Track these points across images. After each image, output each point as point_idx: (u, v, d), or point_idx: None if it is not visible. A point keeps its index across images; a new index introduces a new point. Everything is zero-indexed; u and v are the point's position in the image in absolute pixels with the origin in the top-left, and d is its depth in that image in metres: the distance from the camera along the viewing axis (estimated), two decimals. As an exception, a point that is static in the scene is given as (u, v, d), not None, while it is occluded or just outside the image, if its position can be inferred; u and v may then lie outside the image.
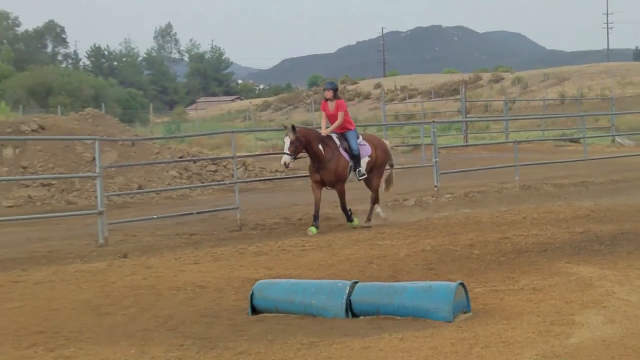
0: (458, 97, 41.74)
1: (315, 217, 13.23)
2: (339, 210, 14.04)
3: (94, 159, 15.76)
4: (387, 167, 14.76)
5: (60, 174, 19.48)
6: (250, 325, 6.90)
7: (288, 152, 13.05)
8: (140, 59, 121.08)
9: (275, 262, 10.10)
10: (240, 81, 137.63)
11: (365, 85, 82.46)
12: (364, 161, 13.85)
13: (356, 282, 7.19)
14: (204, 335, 6.54)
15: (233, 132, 19.18)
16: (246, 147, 34.56)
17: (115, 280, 9.15)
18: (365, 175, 13.81)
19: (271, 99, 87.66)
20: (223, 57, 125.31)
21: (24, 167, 20.08)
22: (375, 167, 14.14)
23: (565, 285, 7.84)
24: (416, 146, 29.06)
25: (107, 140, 18.99)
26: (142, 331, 6.78)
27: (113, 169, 19.61)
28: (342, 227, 13.59)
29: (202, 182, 18.17)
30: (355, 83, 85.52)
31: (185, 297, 8.11)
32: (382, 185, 14.57)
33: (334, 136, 13.63)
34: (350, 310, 6.98)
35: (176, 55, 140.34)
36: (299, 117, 62.43)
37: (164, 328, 6.88)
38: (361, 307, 6.98)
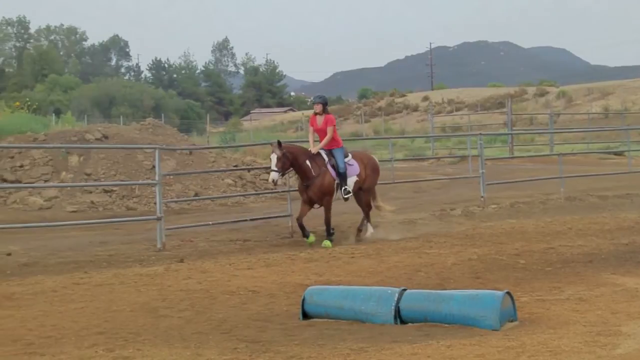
0: (504, 110, 41.50)
1: (302, 229, 13.04)
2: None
3: (153, 167, 16.12)
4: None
5: (122, 181, 19.91)
6: (301, 330, 7.03)
7: (275, 168, 12.64)
8: (198, 71, 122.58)
9: (326, 268, 10.26)
10: (293, 93, 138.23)
11: (414, 98, 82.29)
12: (351, 180, 13.39)
13: (404, 290, 7.29)
14: (257, 339, 6.66)
15: (288, 142, 19.35)
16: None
17: (172, 284, 9.38)
18: (351, 194, 13.35)
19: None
20: (277, 70, 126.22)
21: (88, 174, 20.59)
22: (364, 188, 13.67)
23: (611, 296, 7.85)
24: (463, 157, 29.06)
25: (166, 149, 19.34)
26: (197, 334, 6.94)
27: (171, 177, 19.97)
28: (389, 236, 13.64)
29: (256, 190, 18.40)
30: (404, 96, 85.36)
31: (238, 302, 8.29)
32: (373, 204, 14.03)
33: (322, 152, 13.25)
34: (399, 317, 7.08)
35: (232, 68, 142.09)
36: (349, 128, 62.59)
37: (218, 331, 7.03)
38: (409, 314, 7.08)
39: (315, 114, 13.48)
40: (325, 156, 13.23)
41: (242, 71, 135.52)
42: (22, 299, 8.77)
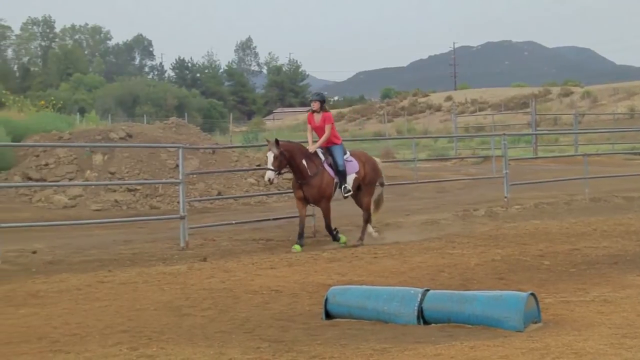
0: (527, 110, 41.31)
1: (300, 235, 12.70)
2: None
3: (177, 165, 16.20)
4: (378, 184, 14.00)
5: (145, 179, 20.02)
6: (324, 329, 7.04)
7: (272, 167, 12.45)
8: (221, 71, 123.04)
9: (348, 268, 10.26)
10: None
11: (437, 98, 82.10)
12: (351, 178, 13.17)
13: (428, 290, 7.28)
14: (279, 339, 6.67)
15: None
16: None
17: (195, 283, 9.42)
18: (351, 192, 13.16)
19: (345, 110, 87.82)
20: (300, 70, 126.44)
21: (112, 173, 20.73)
22: (364, 185, 13.46)
23: (636, 298, 7.78)
24: (486, 158, 28.98)
25: (189, 148, 19.43)
26: (220, 333, 6.96)
27: (194, 176, 20.05)
28: (412, 236, 13.60)
29: (279, 190, 18.41)
30: (427, 95, 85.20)
31: (261, 301, 8.31)
32: (372, 205, 13.81)
33: (319, 151, 13.03)
34: (422, 318, 7.07)
35: (255, 68, 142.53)
36: (372, 128, 62.70)
37: (241, 330, 7.05)
38: (432, 315, 7.06)
39: (313, 111, 13.23)
40: (322, 155, 13.02)
41: (265, 70, 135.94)
42: (47, 296, 8.85)
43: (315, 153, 12.98)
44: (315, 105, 13.15)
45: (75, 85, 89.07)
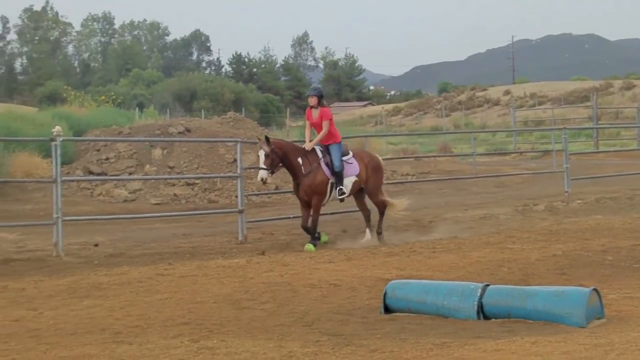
0: (588, 104, 40.72)
1: (310, 233, 12.33)
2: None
3: (235, 160, 16.32)
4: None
5: (204, 174, 20.22)
6: (383, 323, 7.02)
7: (264, 166, 12.03)
8: (278, 65, 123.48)
9: (407, 262, 10.21)
10: (372, 87, 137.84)
11: (495, 92, 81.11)
12: (349, 180, 12.61)
13: (488, 285, 7.22)
14: (339, 332, 6.68)
15: (366, 136, 19.40)
16: (377, 151, 34.68)
17: (253, 276, 9.47)
18: (346, 195, 12.60)
19: (402, 104, 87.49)
20: (356, 65, 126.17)
21: (171, 167, 20.98)
22: (368, 189, 12.94)
23: (703, 293, 7.62)
24: (546, 152, 28.60)
25: (247, 143, 19.56)
26: (280, 326, 6.99)
27: (252, 170, 20.18)
28: (471, 231, 13.49)
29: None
30: (485, 89, 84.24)
31: (320, 295, 8.32)
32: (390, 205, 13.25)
33: (317, 148, 12.52)
34: (482, 313, 7.02)
35: (312, 63, 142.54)
36: (429, 122, 62.33)
37: (300, 324, 7.07)
38: (492, 310, 7.01)
39: (311, 107, 12.70)
40: (319, 153, 12.52)
41: (321, 65, 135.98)
42: (109, 289, 8.99)
43: (313, 151, 12.51)
44: (313, 101, 12.64)
45: (134, 80, 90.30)
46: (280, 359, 5.84)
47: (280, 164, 12.36)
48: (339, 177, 12.48)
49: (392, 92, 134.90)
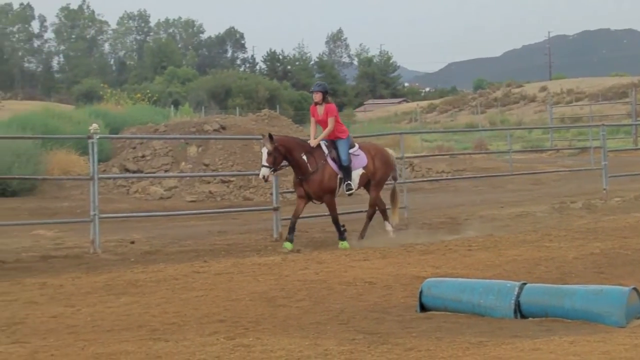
0: (627, 100, 40.14)
1: (291, 229, 12.04)
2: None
3: (269, 157, 16.30)
4: (390, 179, 13.24)
5: (239, 171, 20.29)
6: (418, 322, 6.99)
7: (266, 164, 11.81)
8: (312, 63, 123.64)
9: (442, 260, 10.16)
10: (406, 84, 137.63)
11: (531, 89, 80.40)
12: (357, 173, 12.37)
13: (525, 283, 7.15)
14: (374, 330, 6.66)
15: (402, 133, 19.35)
16: (412, 148, 34.66)
17: (289, 274, 9.47)
18: (353, 191, 12.38)
19: (437, 101, 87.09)
20: (391, 61, 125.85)
21: (206, 165, 21.09)
22: (375, 181, 12.68)
23: None
24: (583, 149, 28.36)
25: (282, 139, 19.60)
26: (315, 324, 6.98)
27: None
28: (507, 229, 13.38)
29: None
30: (521, 86, 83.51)
31: (355, 293, 8.30)
32: (380, 202, 13.06)
33: (323, 144, 12.29)
34: (519, 311, 6.96)
35: (346, 60, 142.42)
36: (464, 119, 61.97)
37: (336, 322, 7.06)
38: (530, 309, 6.94)
39: (316, 103, 12.46)
40: (325, 149, 12.30)
41: (355, 62, 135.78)
42: (146, 286, 9.05)
43: (318, 147, 12.28)
44: (317, 97, 12.40)
45: (169, 78, 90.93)
46: (315, 357, 5.82)
47: (284, 162, 12.18)
48: (346, 172, 12.27)
49: (427, 89, 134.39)
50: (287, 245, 11.86)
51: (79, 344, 6.38)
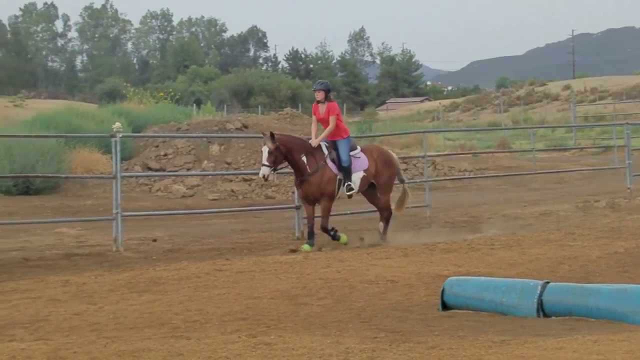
0: (652, 99, 39.83)
1: (310, 234, 11.99)
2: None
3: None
4: (397, 182, 13.07)
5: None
6: (440, 320, 6.96)
7: (267, 163, 11.60)
8: (334, 61, 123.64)
9: (465, 259, 10.11)
10: (429, 83, 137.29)
11: (554, 87, 79.94)
12: (357, 176, 12.16)
13: (548, 282, 7.10)
14: (396, 329, 6.63)
15: (424, 132, 19.31)
16: (435, 147, 34.57)
17: (310, 272, 9.46)
18: (354, 192, 12.18)
19: (459, 100, 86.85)
20: (413, 60, 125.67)
21: (228, 163, 21.14)
22: (378, 185, 12.50)
23: None
24: (607, 148, 28.15)
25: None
26: (337, 322, 6.96)
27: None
28: (530, 228, 13.30)
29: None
30: (544, 84, 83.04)
31: (377, 291, 8.28)
32: (392, 203, 12.94)
33: (323, 145, 12.09)
34: (542, 310, 6.91)
35: (368, 58, 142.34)
36: (486, 118, 61.71)
37: (358, 320, 7.04)
38: (553, 308, 6.88)
39: (317, 102, 12.32)
40: (325, 150, 12.10)
41: (378, 61, 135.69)
42: (168, 283, 9.07)
43: (319, 147, 12.09)
44: (319, 95, 12.24)
45: (191, 77, 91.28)
46: (337, 355, 5.80)
47: (285, 162, 12.02)
48: (347, 172, 12.09)
49: (450, 88, 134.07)
50: (306, 247, 11.79)
51: (102, 341, 6.40)
